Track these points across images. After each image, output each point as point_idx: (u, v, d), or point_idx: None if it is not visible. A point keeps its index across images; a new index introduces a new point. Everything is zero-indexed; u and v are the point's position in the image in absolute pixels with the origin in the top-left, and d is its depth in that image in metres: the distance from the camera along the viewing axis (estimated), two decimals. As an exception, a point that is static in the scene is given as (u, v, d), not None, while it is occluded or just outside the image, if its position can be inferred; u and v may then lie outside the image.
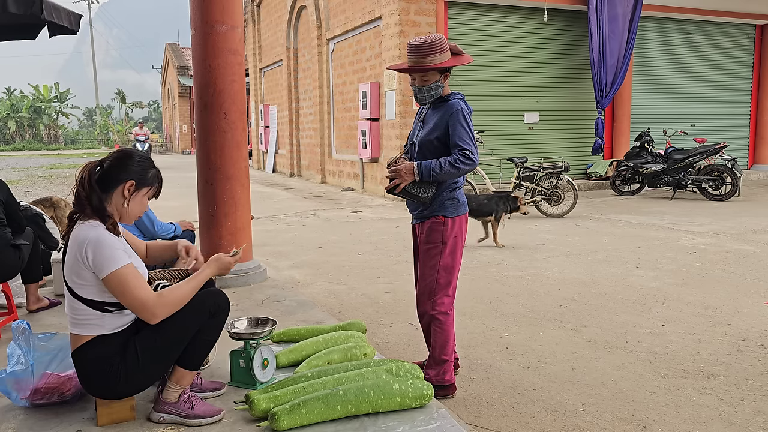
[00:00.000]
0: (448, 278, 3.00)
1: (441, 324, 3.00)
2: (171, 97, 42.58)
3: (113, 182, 2.34)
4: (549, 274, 5.52)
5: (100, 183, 2.33)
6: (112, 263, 2.20)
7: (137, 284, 2.22)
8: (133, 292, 2.21)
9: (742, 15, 13.60)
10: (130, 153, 2.43)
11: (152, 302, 2.23)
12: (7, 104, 51.61)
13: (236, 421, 2.44)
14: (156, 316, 2.24)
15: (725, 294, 4.79)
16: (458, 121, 2.90)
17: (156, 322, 2.26)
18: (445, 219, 2.97)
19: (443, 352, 3.02)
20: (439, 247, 2.98)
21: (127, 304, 2.23)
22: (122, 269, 2.20)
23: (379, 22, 11.49)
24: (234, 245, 4.84)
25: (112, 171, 2.35)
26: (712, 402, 2.96)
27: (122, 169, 2.35)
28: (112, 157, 2.40)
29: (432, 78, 2.95)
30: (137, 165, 2.39)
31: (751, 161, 14.91)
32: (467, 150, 2.86)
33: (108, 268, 2.19)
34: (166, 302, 2.26)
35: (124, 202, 2.36)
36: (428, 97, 3.00)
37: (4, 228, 3.72)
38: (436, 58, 2.90)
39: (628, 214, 9.10)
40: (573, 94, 12.66)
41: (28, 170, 21.25)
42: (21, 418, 2.46)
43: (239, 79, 4.78)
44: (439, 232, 2.97)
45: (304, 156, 16.69)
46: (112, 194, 2.34)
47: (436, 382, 2.99)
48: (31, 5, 4.74)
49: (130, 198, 2.36)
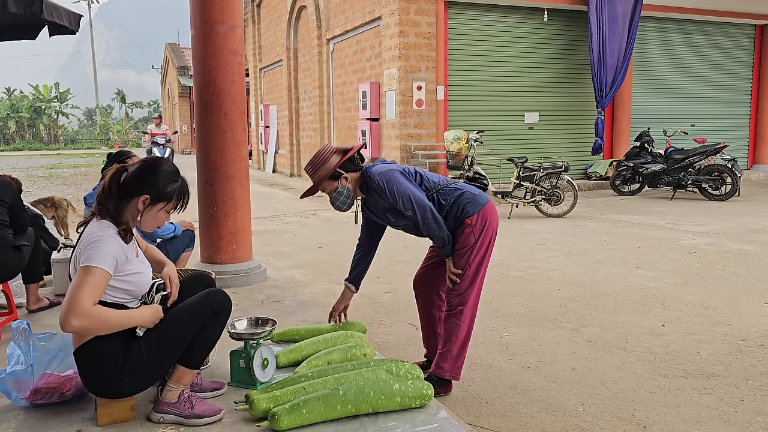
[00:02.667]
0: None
1: (461, 317, 2.97)
2: (171, 97, 42.57)
3: (131, 193, 2.33)
4: (549, 274, 5.52)
5: (120, 190, 2.33)
6: (94, 259, 2.17)
7: (91, 289, 2.13)
8: (80, 290, 2.11)
9: (742, 15, 13.60)
10: (153, 165, 2.38)
11: (83, 308, 2.10)
12: (7, 104, 51.64)
13: (236, 421, 2.44)
14: (69, 323, 2.09)
15: (725, 294, 4.79)
16: (393, 194, 2.85)
17: (67, 330, 2.11)
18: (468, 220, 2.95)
19: (464, 345, 3.01)
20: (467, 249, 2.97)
21: (68, 296, 2.13)
22: (95, 269, 2.15)
23: (379, 22, 11.50)
24: (234, 244, 4.84)
25: (131, 181, 2.34)
26: (712, 402, 2.96)
27: (140, 181, 2.33)
28: (137, 166, 2.38)
29: (329, 187, 2.93)
30: (158, 179, 2.34)
31: (751, 161, 14.91)
32: (416, 211, 2.83)
33: (87, 260, 2.16)
34: (94, 317, 2.13)
35: (137, 215, 2.35)
36: (343, 203, 2.97)
37: (5, 229, 3.72)
38: (320, 171, 2.89)
39: (628, 214, 9.11)
40: (573, 94, 12.66)
41: (28, 170, 21.25)
42: (21, 418, 2.46)
43: (239, 79, 4.78)
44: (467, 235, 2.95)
45: (304, 156, 16.69)
46: (129, 204, 2.34)
47: (450, 376, 3.00)
48: (31, 5, 4.74)
49: (144, 211, 2.34)
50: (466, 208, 2.93)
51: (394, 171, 2.90)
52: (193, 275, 2.75)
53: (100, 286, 2.17)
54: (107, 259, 2.19)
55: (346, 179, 2.93)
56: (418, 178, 2.99)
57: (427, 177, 3.02)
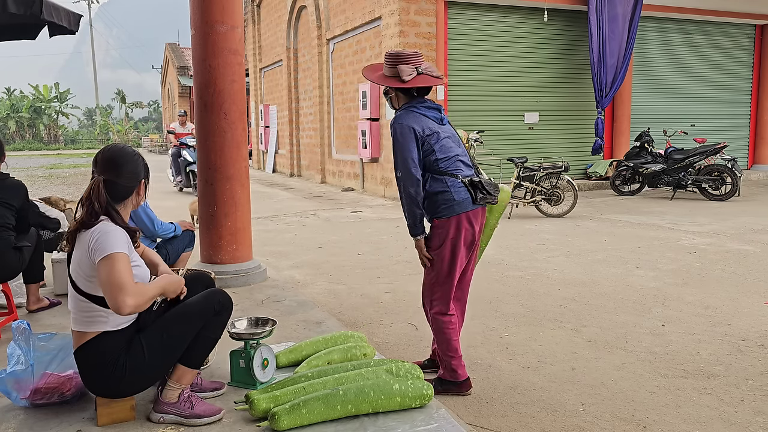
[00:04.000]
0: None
1: (438, 323, 3.04)
2: (171, 97, 42.56)
3: (130, 190, 2.39)
4: (549, 274, 5.52)
5: (113, 196, 2.33)
6: (110, 247, 2.19)
7: (125, 268, 2.19)
8: (119, 273, 2.15)
9: (742, 15, 13.60)
10: (124, 153, 2.40)
11: (131, 287, 2.15)
12: (7, 104, 51.66)
13: (236, 421, 2.44)
14: (126, 304, 2.13)
15: (725, 294, 4.79)
16: (394, 147, 2.97)
17: (125, 312, 2.14)
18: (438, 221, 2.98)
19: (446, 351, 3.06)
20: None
21: (108, 282, 2.15)
22: (119, 254, 2.20)
23: (379, 22, 11.49)
24: (234, 244, 4.84)
25: (125, 179, 2.37)
26: (712, 402, 2.96)
27: (132, 173, 2.39)
28: (111, 166, 2.35)
29: (382, 83, 3.08)
30: (137, 162, 2.42)
31: (751, 161, 14.91)
32: (400, 178, 2.94)
33: (106, 251, 2.18)
34: (142, 292, 2.20)
35: (138, 202, 2.46)
36: (390, 107, 3.18)
37: (8, 231, 3.72)
38: (385, 72, 3.07)
39: (628, 214, 9.10)
40: (573, 94, 12.65)
41: (28, 170, 21.25)
42: (21, 418, 2.46)
43: (239, 79, 4.78)
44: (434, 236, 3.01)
45: (304, 156, 16.69)
46: (128, 199, 2.40)
47: (451, 378, 3.05)
48: (31, 5, 4.74)
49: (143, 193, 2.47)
50: (439, 209, 2.94)
51: (410, 130, 2.92)
52: (193, 275, 2.75)
53: (129, 267, 2.22)
54: (121, 244, 2.23)
55: (396, 96, 3.08)
56: (430, 150, 2.95)
57: (437, 156, 2.95)
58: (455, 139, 3.07)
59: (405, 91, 3.03)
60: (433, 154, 2.94)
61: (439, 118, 3.04)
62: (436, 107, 3.07)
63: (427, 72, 2.98)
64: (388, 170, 11.41)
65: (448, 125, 3.10)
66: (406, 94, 3.04)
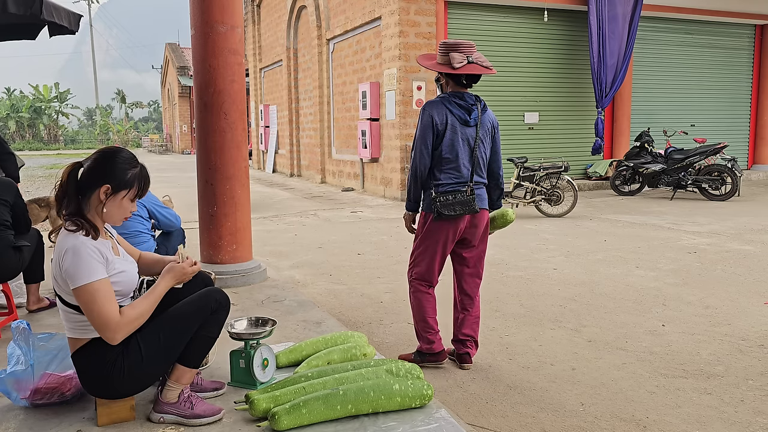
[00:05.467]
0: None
1: (413, 288, 3.35)
2: (171, 97, 42.59)
3: (90, 186, 2.27)
4: (549, 274, 5.52)
5: (78, 187, 2.27)
6: (85, 275, 2.14)
7: (106, 301, 2.14)
8: (100, 309, 2.13)
9: (742, 15, 13.60)
10: (110, 154, 2.33)
11: (114, 323, 2.14)
12: (7, 104, 51.66)
13: (236, 421, 2.44)
14: (115, 339, 2.16)
15: (725, 294, 4.79)
16: (417, 127, 3.22)
17: (115, 343, 2.17)
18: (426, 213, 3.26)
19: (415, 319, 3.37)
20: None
21: (90, 319, 2.16)
22: (96, 284, 2.15)
23: (379, 22, 11.50)
24: (234, 244, 4.84)
25: (90, 174, 2.28)
26: (712, 402, 2.96)
27: (100, 172, 2.27)
28: (93, 157, 2.32)
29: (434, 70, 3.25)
30: (116, 167, 2.29)
31: (751, 161, 14.91)
32: (413, 158, 3.21)
33: (80, 280, 2.14)
34: (128, 321, 2.18)
35: (101, 207, 2.28)
36: (440, 91, 3.33)
37: (6, 230, 3.72)
38: (436, 60, 3.23)
39: (628, 214, 9.10)
40: (573, 94, 12.66)
41: (28, 170, 21.23)
42: (21, 418, 2.46)
43: (239, 79, 4.78)
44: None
45: (304, 156, 16.69)
46: (90, 198, 2.28)
47: (427, 349, 3.31)
48: (31, 5, 4.75)
49: (107, 202, 2.28)
50: (425, 201, 3.25)
51: (431, 118, 3.13)
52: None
53: (110, 293, 2.18)
54: (95, 267, 2.16)
55: (445, 83, 3.24)
56: (439, 143, 3.15)
57: (440, 154, 3.16)
58: (471, 142, 3.18)
59: (455, 79, 3.17)
60: (440, 148, 3.16)
61: (464, 118, 3.15)
62: (467, 107, 3.16)
63: (477, 61, 3.11)
64: (388, 170, 11.42)
65: (476, 128, 3.18)
66: (456, 81, 3.18)
